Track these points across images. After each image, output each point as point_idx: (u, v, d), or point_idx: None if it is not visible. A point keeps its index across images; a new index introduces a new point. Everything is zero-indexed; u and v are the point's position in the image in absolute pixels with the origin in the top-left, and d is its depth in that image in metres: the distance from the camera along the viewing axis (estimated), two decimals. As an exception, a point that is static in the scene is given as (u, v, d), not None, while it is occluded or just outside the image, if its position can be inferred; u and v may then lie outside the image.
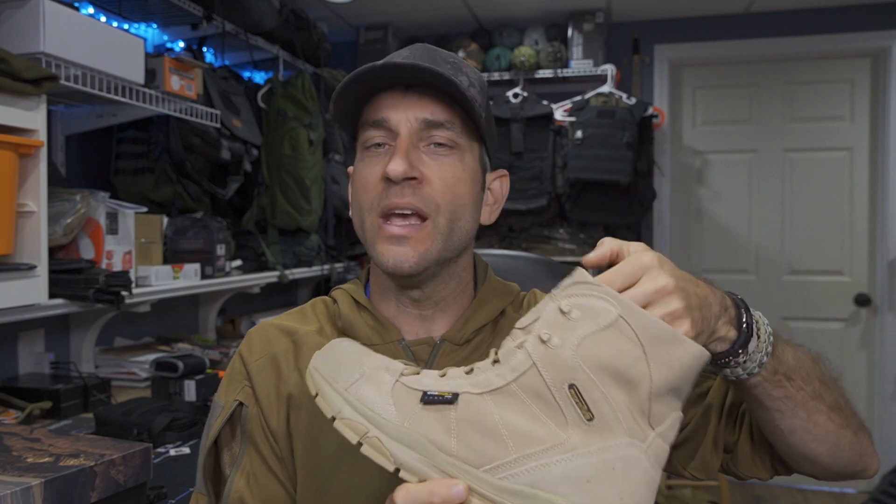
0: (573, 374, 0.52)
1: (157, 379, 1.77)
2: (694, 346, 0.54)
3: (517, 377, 0.54)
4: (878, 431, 3.26)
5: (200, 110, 2.02)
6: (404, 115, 0.74)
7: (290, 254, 2.61)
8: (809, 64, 3.33)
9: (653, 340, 0.52)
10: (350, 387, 0.56)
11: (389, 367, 0.57)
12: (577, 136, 2.94)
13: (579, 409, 0.52)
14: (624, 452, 0.52)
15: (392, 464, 0.53)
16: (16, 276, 1.39)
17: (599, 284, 0.55)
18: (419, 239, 0.73)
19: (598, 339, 0.52)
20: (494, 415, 0.53)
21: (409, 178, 0.73)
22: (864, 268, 3.30)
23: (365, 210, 0.76)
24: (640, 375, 0.52)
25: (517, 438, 0.52)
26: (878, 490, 1.82)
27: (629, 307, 0.53)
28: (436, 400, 0.54)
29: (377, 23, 3.36)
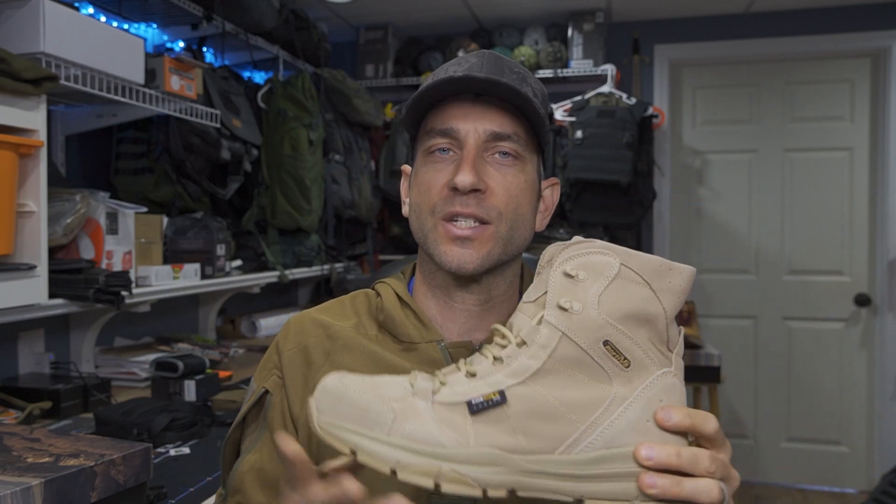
0: (604, 332, 0.55)
1: (157, 379, 1.76)
2: (685, 267, 0.58)
3: (551, 352, 0.55)
4: (878, 431, 3.26)
5: (200, 110, 2.02)
6: (472, 126, 0.76)
7: (290, 254, 2.61)
8: (809, 64, 3.33)
9: (655, 276, 0.56)
10: (391, 430, 0.52)
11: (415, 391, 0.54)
12: (577, 136, 2.94)
13: (617, 360, 0.55)
14: (662, 383, 0.56)
15: (478, 489, 0.51)
16: (16, 276, 1.39)
17: (589, 240, 0.57)
18: (482, 241, 0.75)
19: (612, 292, 0.55)
20: (548, 396, 0.54)
21: (475, 189, 0.74)
22: (864, 268, 3.30)
23: (426, 213, 0.78)
24: (655, 311, 0.56)
25: (577, 410, 0.54)
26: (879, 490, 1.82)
27: (625, 253, 0.57)
28: (485, 406, 0.53)
29: (377, 23, 3.36)
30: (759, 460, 3.42)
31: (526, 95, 0.73)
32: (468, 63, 0.78)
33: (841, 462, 3.33)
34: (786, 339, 3.40)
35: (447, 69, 0.79)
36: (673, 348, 0.57)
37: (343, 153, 2.87)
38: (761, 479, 3.41)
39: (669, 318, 0.57)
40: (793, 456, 3.39)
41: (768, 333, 3.43)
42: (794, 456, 3.39)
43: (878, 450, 3.25)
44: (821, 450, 3.36)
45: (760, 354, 3.44)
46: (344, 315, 0.85)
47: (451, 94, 0.77)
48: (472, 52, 0.81)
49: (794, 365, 3.39)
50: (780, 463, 3.40)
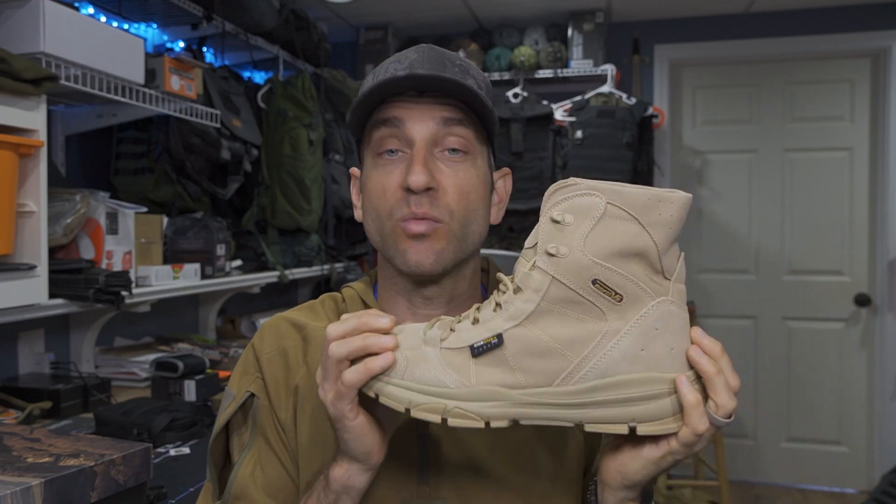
0: (592, 271, 0.57)
1: (157, 379, 1.76)
2: (677, 196, 0.57)
3: (543, 295, 0.58)
4: (878, 431, 3.26)
5: (200, 110, 2.02)
6: (420, 120, 0.75)
7: (290, 254, 2.61)
8: (809, 64, 3.33)
9: (643, 210, 0.57)
10: (405, 374, 0.60)
11: (426, 339, 0.61)
12: (577, 136, 2.94)
13: (608, 296, 0.57)
14: (657, 312, 0.58)
15: (480, 421, 0.58)
16: (16, 276, 1.38)
17: (576, 182, 0.58)
18: (436, 237, 0.76)
19: (598, 232, 0.57)
20: (541, 335, 0.58)
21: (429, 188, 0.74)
22: (864, 268, 3.30)
23: (383, 217, 0.77)
24: (645, 245, 0.57)
25: (570, 346, 0.57)
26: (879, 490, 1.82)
27: (612, 191, 0.57)
28: (485, 349, 0.59)
29: (377, 23, 3.36)
30: (759, 460, 3.42)
31: (470, 88, 0.73)
32: (408, 60, 0.77)
33: (841, 462, 3.33)
34: (786, 339, 3.40)
35: (387, 68, 0.78)
36: (670, 276, 0.58)
37: (343, 153, 2.87)
38: (761, 479, 3.41)
39: (662, 249, 0.57)
40: (793, 456, 3.39)
41: (768, 333, 3.42)
42: (794, 456, 3.39)
43: (878, 450, 3.25)
44: (821, 450, 3.36)
45: (760, 354, 3.43)
46: (316, 317, 0.85)
47: (394, 92, 0.76)
48: (412, 48, 0.80)
49: (794, 365, 3.39)
50: (780, 463, 3.40)
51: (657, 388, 0.57)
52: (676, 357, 0.58)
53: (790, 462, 3.39)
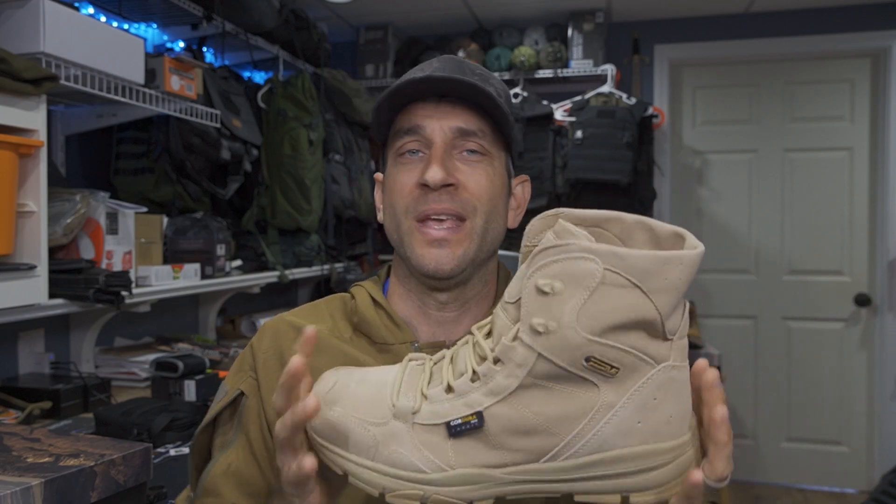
0: (585, 350, 0.50)
1: (157, 379, 1.77)
2: (686, 255, 0.50)
3: (528, 371, 0.51)
4: (878, 431, 3.26)
5: (200, 110, 2.02)
6: (438, 124, 0.77)
7: (290, 254, 2.61)
8: (809, 64, 3.33)
9: (646, 276, 0.49)
10: (375, 455, 0.54)
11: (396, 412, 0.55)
12: (577, 136, 2.94)
13: (603, 371, 0.51)
14: (656, 381, 0.51)
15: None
16: (16, 276, 1.38)
17: (566, 242, 0.50)
18: (457, 241, 0.76)
19: (594, 304, 0.49)
20: (526, 413, 0.52)
21: (447, 184, 0.75)
22: (864, 268, 3.30)
23: (400, 214, 0.78)
24: (647, 313, 0.50)
25: (559, 423, 0.52)
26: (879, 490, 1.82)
27: (610, 254, 0.49)
28: (463, 430, 0.53)
29: (377, 23, 3.36)
30: (759, 460, 3.42)
31: (488, 92, 0.74)
32: (431, 67, 0.79)
33: (841, 462, 3.33)
34: (786, 339, 3.40)
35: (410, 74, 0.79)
36: (672, 336, 0.52)
37: (343, 153, 2.87)
38: (761, 479, 3.41)
39: (665, 315, 0.50)
40: (793, 456, 3.39)
41: (768, 333, 3.43)
42: (794, 456, 3.39)
43: (878, 450, 3.25)
44: (821, 450, 3.36)
45: (760, 354, 3.43)
46: (319, 318, 0.85)
47: (414, 97, 0.78)
48: (434, 58, 0.82)
49: (794, 365, 3.39)
50: (780, 463, 3.40)
51: (653, 460, 0.52)
52: (674, 424, 0.53)
53: (790, 462, 3.39)
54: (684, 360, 0.53)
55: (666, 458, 0.52)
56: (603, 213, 0.54)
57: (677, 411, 0.53)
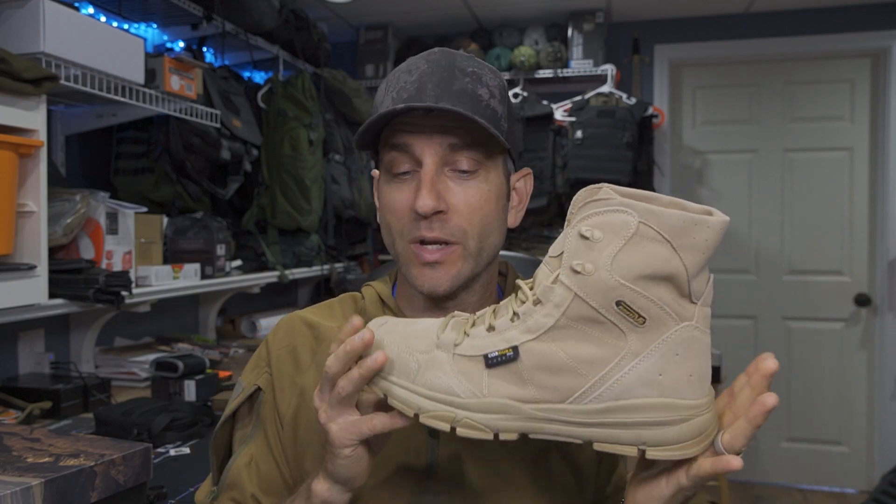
0: (617, 293, 0.54)
1: (157, 379, 1.76)
2: (714, 220, 0.54)
3: (564, 311, 0.56)
4: (878, 431, 3.26)
5: (200, 110, 2.02)
6: (428, 143, 0.75)
7: (290, 254, 2.61)
8: (809, 64, 3.33)
9: (676, 233, 0.54)
10: (416, 379, 0.59)
11: (439, 343, 0.60)
12: (577, 136, 2.94)
13: (631, 318, 0.55)
14: (679, 337, 0.55)
15: (489, 433, 0.58)
16: (16, 276, 1.38)
17: (609, 197, 0.55)
18: (451, 262, 0.76)
19: (627, 252, 0.54)
20: (558, 352, 0.56)
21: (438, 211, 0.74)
22: (864, 268, 3.30)
23: (395, 235, 0.78)
24: (675, 269, 0.54)
25: (587, 365, 0.56)
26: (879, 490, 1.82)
27: (646, 210, 0.54)
28: (499, 361, 0.57)
29: (377, 23, 3.36)
30: (759, 460, 3.42)
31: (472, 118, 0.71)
32: (418, 72, 0.75)
33: (841, 462, 3.33)
34: (786, 339, 3.40)
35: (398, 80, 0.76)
36: (697, 300, 0.56)
37: (343, 153, 2.87)
38: (761, 479, 3.41)
39: (692, 274, 0.55)
40: (793, 456, 3.39)
41: (768, 333, 3.43)
42: (794, 456, 3.39)
43: (878, 450, 3.25)
44: (821, 450, 3.36)
45: (760, 354, 3.43)
46: (332, 316, 0.86)
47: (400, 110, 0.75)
48: (423, 56, 0.78)
49: (794, 365, 3.39)
50: (780, 463, 3.40)
51: (671, 414, 0.55)
52: (694, 384, 0.56)
53: (790, 462, 3.39)
54: (707, 327, 0.57)
55: (683, 415, 0.56)
56: (640, 192, 0.57)
57: (698, 371, 0.56)
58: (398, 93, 0.75)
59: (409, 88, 0.74)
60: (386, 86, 0.78)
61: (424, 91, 0.74)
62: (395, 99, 0.75)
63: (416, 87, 0.74)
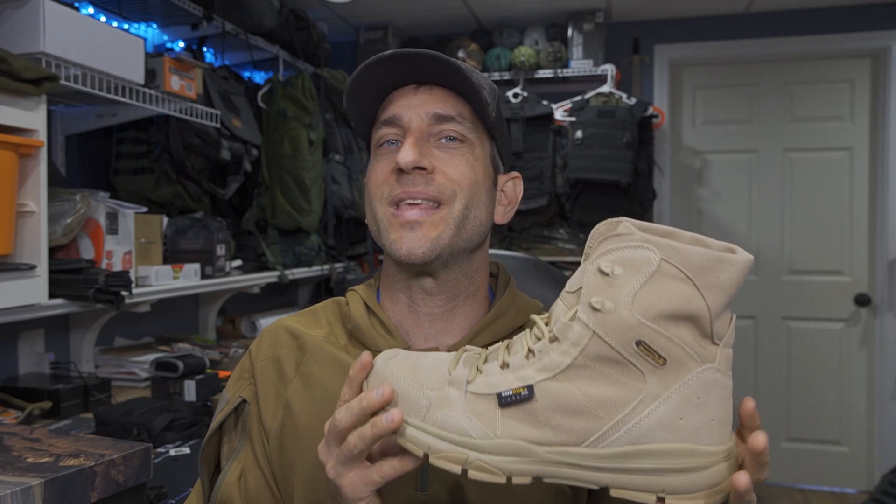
0: (637, 332, 0.53)
1: (157, 379, 1.76)
2: (738, 259, 0.53)
3: (582, 350, 0.54)
4: (878, 431, 3.26)
5: (200, 110, 2.02)
6: (415, 111, 0.76)
7: (290, 254, 2.61)
8: (809, 64, 3.33)
9: (700, 271, 0.53)
10: (426, 417, 0.57)
11: (451, 380, 0.58)
12: (577, 136, 2.94)
13: (651, 359, 0.53)
14: (701, 380, 0.53)
15: (502, 476, 0.55)
16: (16, 276, 1.39)
17: (630, 232, 0.54)
18: (432, 224, 0.74)
19: (649, 290, 0.53)
20: (575, 392, 0.54)
21: (420, 168, 0.73)
22: (864, 268, 3.30)
23: (376, 202, 0.77)
24: (697, 308, 0.53)
25: (604, 407, 0.54)
26: (879, 490, 1.82)
27: (668, 247, 0.53)
28: (514, 401, 0.55)
29: (377, 23, 3.36)
30: (759, 460, 3.42)
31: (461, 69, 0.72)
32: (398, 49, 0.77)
33: (841, 462, 3.33)
34: (786, 339, 3.40)
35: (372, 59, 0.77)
36: (719, 341, 0.54)
37: (343, 153, 2.87)
38: (761, 479, 3.41)
39: (714, 314, 0.53)
40: (793, 456, 3.39)
41: (768, 333, 3.43)
42: (794, 456, 3.39)
43: (878, 450, 3.25)
44: (821, 450, 3.36)
45: (760, 354, 3.43)
46: (317, 324, 0.85)
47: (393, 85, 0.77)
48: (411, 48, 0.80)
49: (794, 365, 3.39)
50: (780, 463, 3.40)
51: (692, 461, 0.53)
52: (715, 429, 0.54)
53: (790, 462, 3.39)
54: (729, 370, 0.55)
55: (705, 462, 0.53)
56: (661, 227, 0.56)
57: (719, 416, 0.54)
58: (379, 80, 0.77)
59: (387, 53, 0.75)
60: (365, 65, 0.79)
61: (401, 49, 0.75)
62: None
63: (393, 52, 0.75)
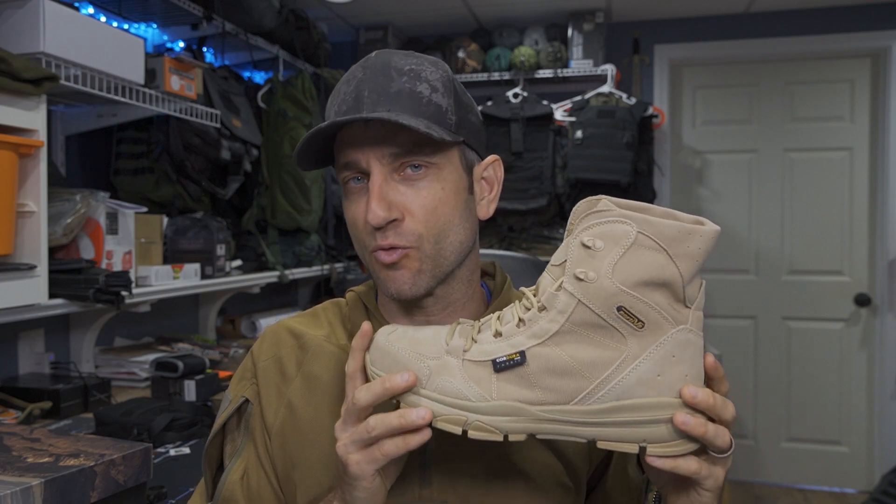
0: (618, 299, 0.58)
1: (157, 379, 1.76)
2: (706, 230, 0.58)
3: (568, 317, 0.59)
4: (878, 431, 3.26)
5: (200, 110, 2.02)
6: (372, 153, 0.73)
7: (290, 254, 2.61)
8: (809, 64, 3.33)
9: (672, 242, 0.58)
10: (427, 384, 0.62)
11: (449, 349, 0.63)
12: (577, 136, 2.94)
13: (631, 322, 0.59)
14: (675, 340, 0.59)
15: (500, 435, 0.60)
16: (16, 276, 1.38)
17: (609, 208, 0.59)
18: (407, 264, 0.74)
19: (627, 260, 0.58)
20: (563, 355, 0.59)
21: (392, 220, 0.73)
22: (864, 268, 3.30)
23: (359, 247, 0.78)
24: (671, 275, 0.58)
25: (590, 368, 0.59)
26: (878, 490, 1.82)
27: (643, 220, 0.58)
28: (507, 365, 0.60)
29: (377, 23, 3.36)
30: (759, 460, 3.42)
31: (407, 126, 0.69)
32: (355, 81, 0.75)
33: (841, 462, 3.33)
34: (786, 339, 3.40)
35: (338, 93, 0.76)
36: (691, 304, 0.60)
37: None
38: (761, 479, 3.41)
39: (686, 280, 0.59)
40: (793, 456, 3.39)
41: (768, 333, 3.43)
42: (794, 456, 3.39)
43: (878, 450, 3.25)
44: (821, 450, 3.36)
45: (760, 354, 3.43)
46: (317, 325, 0.86)
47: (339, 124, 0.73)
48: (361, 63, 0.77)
49: (794, 365, 3.39)
50: (780, 463, 3.40)
51: (669, 412, 0.59)
52: (690, 383, 0.60)
53: (790, 462, 3.39)
54: (700, 330, 0.61)
55: None
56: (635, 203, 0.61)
57: (692, 372, 0.60)
58: (339, 105, 0.75)
59: (348, 100, 0.74)
60: (330, 101, 0.77)
61: (361, 100, 0.72)
62: (337, 112, 0.74)
63: (354, 97, 0.73)
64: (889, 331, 3.21)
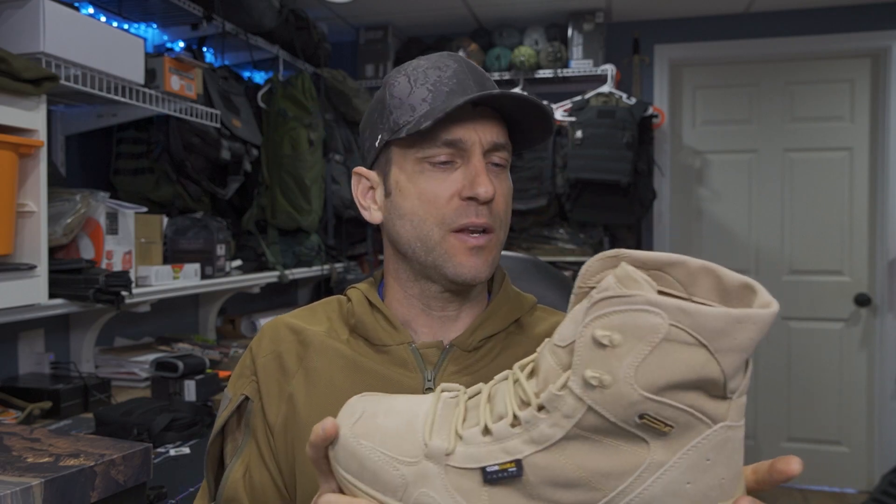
0: (640, 407, 0.46)
1: (157, 379, 1.76)
2: (762, 315, 0.46)
3: (576, 422, 0.48)
4: (878, 431, 3.26)
5: (200, 110, 2.02)
6: (477, 137, 0.77)
7: (290, 254, 2.61)
8: (809, 64, 3.33)
9: (715, 335, 0.45)
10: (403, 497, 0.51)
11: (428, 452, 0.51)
12: (577, 136, 2.94)
13: (656, 428, 0.47)
14: (711, 442, 0.48)
15: None
16: (16, 276, 1.39)
17: (631, 294, 0.46)
18: (489, 248, 0.78)
19: (654, 360, 0.45)
20: (569, 465, 0.48)
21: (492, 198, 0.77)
22: (864, 268, 3.30)
23: (432, 224, 0.77)
24: (711, 373, 0.46)
25: (604, 478, 0.48)
26: (879, 490, 1.82)
27: (677, 308, 0.45)
28: (500, 477, 0.49)
29: (377, 23, 3.36)
30: (759, 460, 3.41)
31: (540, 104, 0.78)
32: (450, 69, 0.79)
33: (841, 462, 3.33)
34: (786, 339, 3.40)
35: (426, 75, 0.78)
36: (732, 395, 0.48)
37: (343, 153, 2.87)
38: (761, 479, 3.41)
39: (730, 377, 0.47)
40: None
41: (768, 333, 3.42)
42: (794, 456, 3.38)
43: (878, 450, 3.25)
44: (821, 450, 3.36)
45: (760, 354, 3.43)
46: (315, 320, 0.86)
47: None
48: (444, 54, 0.81)
49: (794, 365, 3.39)
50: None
51: None
52: (727, 487, 0.49)
53: (790, 462, 3.38)
54: (741, 419, 0.50)
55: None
56: (665, 257, 0.50)
57: (729, 473, 0.50)
58: (435, 85, 0.77)
59: (448, 83, 0.77)
60: (410, 79, 0.78)
61: (467, 84, 0.77)
62: (435, 91, 0.77)
63: (456, 81, 0.77)
64: (889, 331, 3.21)
